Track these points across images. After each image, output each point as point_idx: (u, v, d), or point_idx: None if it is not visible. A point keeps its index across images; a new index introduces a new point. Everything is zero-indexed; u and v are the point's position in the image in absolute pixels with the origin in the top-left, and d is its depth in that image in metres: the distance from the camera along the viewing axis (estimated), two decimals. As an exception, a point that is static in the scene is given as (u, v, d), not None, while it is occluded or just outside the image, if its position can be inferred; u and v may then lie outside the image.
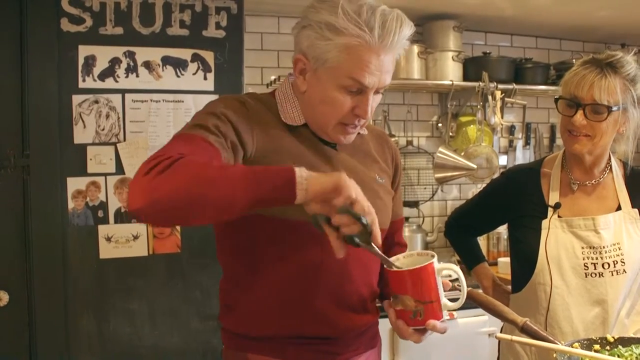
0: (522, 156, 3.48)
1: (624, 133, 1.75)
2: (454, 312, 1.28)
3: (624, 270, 1.72)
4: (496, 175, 3.19)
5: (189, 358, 2.38)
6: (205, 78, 2.33)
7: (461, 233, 2.09)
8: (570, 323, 1.72)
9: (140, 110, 2.28)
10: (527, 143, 3.53)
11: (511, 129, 3.49)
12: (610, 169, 1.82)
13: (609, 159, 1.82)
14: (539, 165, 1.88)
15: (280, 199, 1.07)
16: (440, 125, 3.35)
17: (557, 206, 1.78)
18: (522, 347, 1.80)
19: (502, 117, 3.10)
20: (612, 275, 1.71)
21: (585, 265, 1.72)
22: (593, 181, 1.80)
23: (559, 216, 1.77)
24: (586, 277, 1.72)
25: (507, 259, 2.90)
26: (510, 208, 1.86)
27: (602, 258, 1.72)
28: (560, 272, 1.73)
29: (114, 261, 2.29)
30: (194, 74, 2.32)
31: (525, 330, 1.38)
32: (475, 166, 3.08)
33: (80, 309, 2.26)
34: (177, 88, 2.31)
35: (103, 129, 2.25)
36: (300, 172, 1.08)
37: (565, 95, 1.71)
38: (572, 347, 1.32)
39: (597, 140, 1.69)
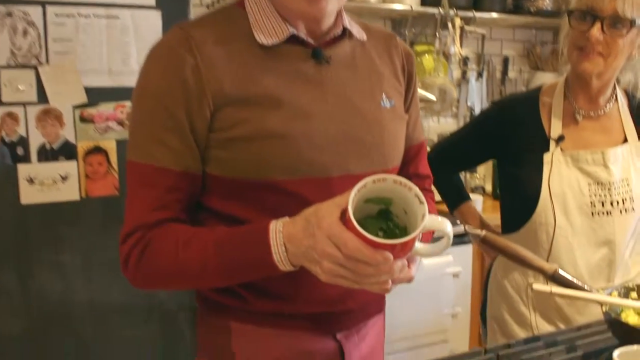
0: (477, 89, 3.31)
1: (634, 58, 1.59)
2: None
3: (632, 208, 1.58)
4: (458, 109, 3.03)
5: (132, 315, 2.09)
6: (145, -11, 1.96)
7: (443, 169, 1.87)
8: (573, 266, 1.57)
9: (65, 26, 1.89)
10: (479, 75, 3.36)
11: (465, 60, 3.31)
12: (616, 99, 1.66)
13: (614, 88, 1.65)
14: (536, 93, 1.69)
15: (263, 271, 0.97)
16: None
17: (560, 139, 1.60)
18: (517, 292, 1.65)
19: (461, 47, 2.90)
20: (621, 213, 1.57)
21: (592, 204, 1.57)
22: (599, 111, 1.63)
23: (561, 150, 1.60)
24: (593, 216, 1.57)
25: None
26: (505, 142, 1.67)
27: (610, 195, 1.57)
28: (564, 212, 1.56)
29: (39, 207, 1.94)
30: (130, -17, 1.95)
31: (555, 279, 1.20)
32: (434, 97, 2.88)
33: (-1, 264, 1.91)
34: (111, 1, 1.93)
35: (20, 49, 1.86)
36: (276, 236, 0.94)
37: (581, 7, 1.51)
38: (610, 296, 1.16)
39: (610, 60, 1.51)
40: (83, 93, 1.94)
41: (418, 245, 0.90)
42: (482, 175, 3.07)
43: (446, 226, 0.90)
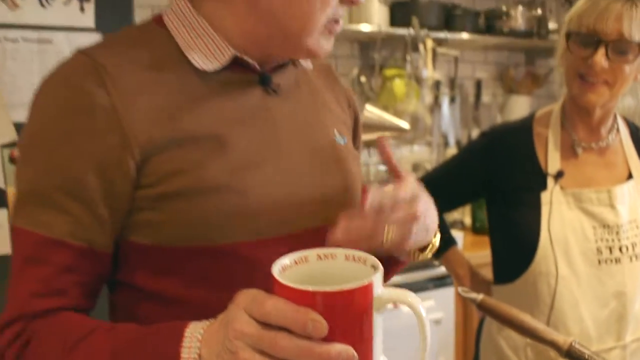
0: (450, 114, 3.14)
1: (637, 80, 1.41)
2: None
3: (643, 253, 1.40)
4: (433, 137, 2.84)
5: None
6: (82, 9, 1.72)
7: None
8: (579, 323, 1.38)
9: (-11, 53, 1.65)
10: (452, 100, 3.19)
11: (437, 84, 3.14)
12: (617, 129, 1.48)
13: (615, 116, 1.48)
14: (529, 122, 1.50)
15: None
16: (363, 79, 2.91)
17: (559, 175, 1.41)
18: (514, 351, 1.44)
19: (434, 69, 2.72)
20: (631, 260, 1.39)
21: (598, 250, 1.38)
22: (600, 143, 1.45)
23: (561, 188, 1.41)
24: (600, 264, 1.38)
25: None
26: (497, 178, 1.48)
27: (619, 240, 1.38)
28: (567, 259, 1.37)
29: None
30: (65, 3, 1.70)
31: (572, 356, 0.99)
32: (407, 126, 2.68)
33: None
34: (43, 23, 1.69)
35: None
36: (189, 344, 0.69)
37: (581, 30, 1.33)
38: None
39: (617, 88, 1.34)
40: (12, 130, 1.68)
41: None
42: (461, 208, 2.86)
43: (406, 296, 0.65)
